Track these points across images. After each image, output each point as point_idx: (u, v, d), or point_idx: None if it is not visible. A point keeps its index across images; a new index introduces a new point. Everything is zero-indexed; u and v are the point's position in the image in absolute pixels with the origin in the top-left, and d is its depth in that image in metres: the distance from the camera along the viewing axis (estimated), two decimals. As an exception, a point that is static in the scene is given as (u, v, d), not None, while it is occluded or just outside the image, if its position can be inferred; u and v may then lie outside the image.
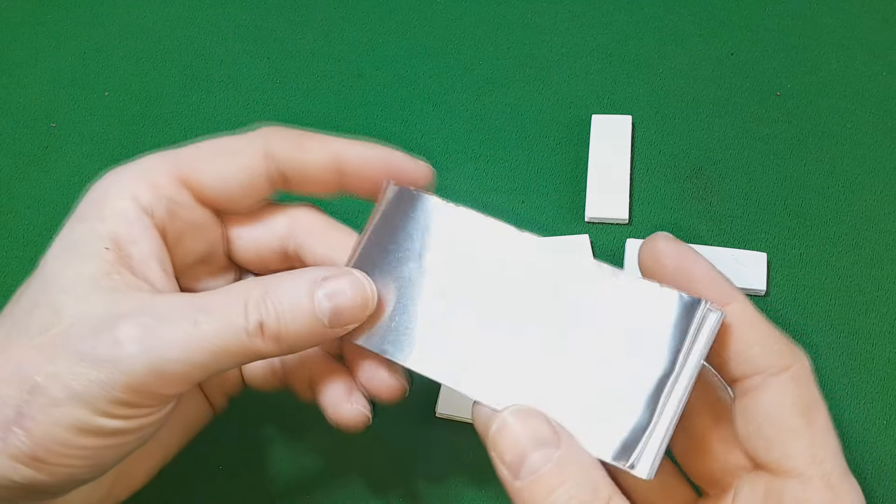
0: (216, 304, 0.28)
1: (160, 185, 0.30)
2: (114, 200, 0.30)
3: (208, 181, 0.31)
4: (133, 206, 0.30)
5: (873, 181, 0.46)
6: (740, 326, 0.28)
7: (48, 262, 0.29)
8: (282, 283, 0.29)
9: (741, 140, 0.48)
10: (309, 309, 0.28)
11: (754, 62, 0.51)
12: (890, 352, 0.41)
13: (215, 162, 0.31)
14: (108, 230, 0.29)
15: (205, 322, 0.27)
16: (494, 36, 0.53)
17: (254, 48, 0.53)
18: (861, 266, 0.43)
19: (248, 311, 0.28)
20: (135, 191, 0.30)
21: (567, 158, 0.47)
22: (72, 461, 0.28)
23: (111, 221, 0.29)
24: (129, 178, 0.30)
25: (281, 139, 0.31)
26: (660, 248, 0.29)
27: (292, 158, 0.31)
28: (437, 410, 0.39)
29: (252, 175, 0.31)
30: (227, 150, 0.31)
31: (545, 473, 0.26)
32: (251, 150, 0.31)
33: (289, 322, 0.28)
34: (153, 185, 0.30)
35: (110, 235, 0.29)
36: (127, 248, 0.29)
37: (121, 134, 0.50)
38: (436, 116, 0.49)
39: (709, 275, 0.28)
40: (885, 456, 0.38)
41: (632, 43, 0.52)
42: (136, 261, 0.30)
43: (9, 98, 0.51)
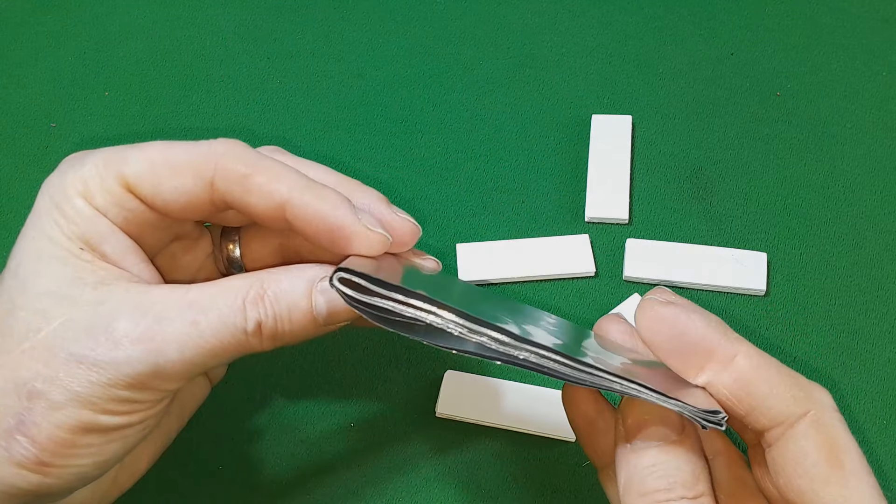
0: (214, 304, 0.28)
1: (109, 190, 0.30)
2: (72, 201, 0.29)
3: (150, 197, 0.30)
4: (91, 209, 0.29)
5: (873, 181, 0.46)
6: (751, 380, 0.27)
7: (20, 264, 0.29)
8: (280, 282, 0.28)
9: (741, 140, 0.48)
10: (306, 309, 0.28)
11: (754, 62, 0.51)
12: (890, 352, 0.41)
13: (161, 181, 0.30)
14: (76, 231, 0.29)
15: (204, 322, 0.28)
16: (494, 36, 0.53)
17: (254, 48, 0.53)
18: (861, 266, 0.43)
19: (247, 310, 0.28)
20: (90, 191, 0.29)
21: (567, 158, 0.47)
22: (78, 461, 0.28)
23: (76, 223, 0.29)
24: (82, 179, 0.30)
25: (228, 174, 0.29)
26: (648, 317, 0.28)
27: (238, 199, 0.30)
28: (437, 410, 0.39)
29: (195, 202, 0.30)
30: (170, 166, 0.30)
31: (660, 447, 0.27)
32: (198, 178, 0.30)
33: (286, 322, 0.28)
34: (104, 190, 0.30)
35: (79, 236, 0.29)
36: (100, 247, 0.29)
37: (121, 134, 0.49)
38: (436, 116, 0.49)
39: (706, 335, 0.27)
40: (885, 456, 0.38)
41: (632, 43, 0.52)
42: (112, 257, 0.30)
43: (9, 98, 0.51)
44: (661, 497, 0.26)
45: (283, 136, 0.49)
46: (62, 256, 0.29)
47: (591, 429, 0.31)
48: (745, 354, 0.27)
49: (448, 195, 0.46)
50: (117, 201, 0.30)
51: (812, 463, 0.26)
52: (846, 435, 0.27)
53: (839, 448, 0.27)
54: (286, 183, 0.29)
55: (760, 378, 0.27)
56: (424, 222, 0.45)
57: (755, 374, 0.27)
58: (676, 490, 0.26)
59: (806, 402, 0.27)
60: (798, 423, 0.27)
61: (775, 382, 0.27)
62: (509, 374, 0.41)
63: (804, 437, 0.27)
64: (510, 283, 0.43)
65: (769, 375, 0.27)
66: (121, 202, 0.30)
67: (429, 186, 0.47)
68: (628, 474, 0.27)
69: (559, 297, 0.43)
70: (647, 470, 0.27)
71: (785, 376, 0.27)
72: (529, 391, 0.40)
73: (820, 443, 0.26)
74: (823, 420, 0.27)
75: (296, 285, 0.29)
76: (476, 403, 0.39)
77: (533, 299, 0.43)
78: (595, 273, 0.43)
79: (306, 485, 0.39)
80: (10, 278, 0.29)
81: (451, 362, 0.41)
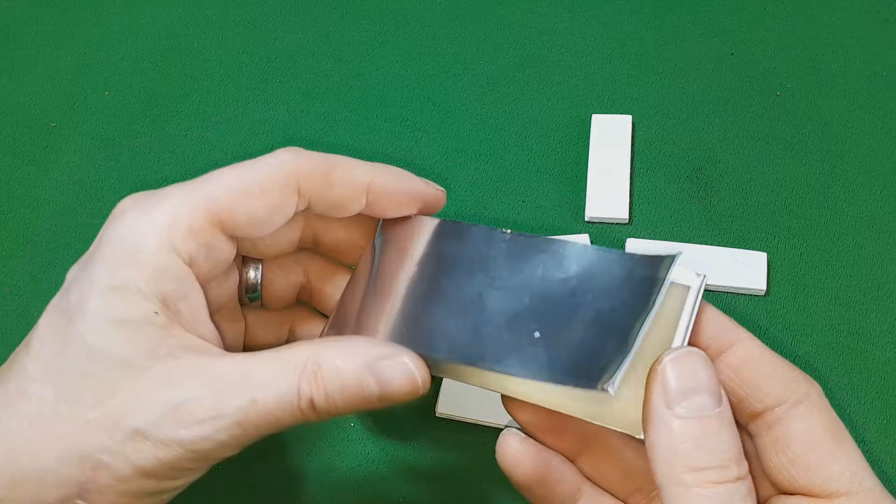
0: (273, 380, 0.28)
1: (199, 232, 0.29)
2: (156, 253, 0.28)
3: (242, 223, 0.30)
4: (177, 261, 0.29)
5: (873, 181, 0.46)
6: (753, 361, 0.29)
7: (88, 325, 0.28)
8: (335, 359, 0.28)
9: (741, 140, 0.48)
10: (358, 391, 0.29)
11: (754, 62, 0.51)
12: (890, 352, 0.41)
13: (249, 203, 0.30)
14: (156, 290, 0.28)
15: (261, 400, 0.28)
16: (494, 36, 0.53)
17: (254, 48, 0.53)
18: (861, 266, 0.43)
19: (301, 387, 0.28)
20: (175, 240, 0.29)
21: (567, 158, 0.47)
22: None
23: (158, 280, 0.28)
24: (167, 224, 0.29)
25: (309, 176, 0.31)
26: None
27: (322, 196, 0.31)
28: (437, 410, 0.39)
29: (285, 214, 0.31)
30: (258, 187, 0.30)
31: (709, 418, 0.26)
32: (283, 188, 0.30)
33: (338, 401, 0.29)
34: (192, 231, 0.29)
35: (159, 296, 0.28)
36: (175, 306, 0.29)
37: (121, 134, 0.49)
38: (436, 116, 0.49)
39: (715, 317, 0.29)
40: (885, 456, 0.38)
41: (632, 42, 0.52)
42: (186, 318, 0.29)
43: (9, 98, 0.51)
44: (716, 477, 0.25)
45: (283, 137, 0.49)
46: (137, 322, 0.28)
47: (543, 483, 0.31)
48: (748, 339, 0.29)
49: (448, 195, 0.46)
50: (207, 242, 0.29)
51: (820, 438, 0.28)
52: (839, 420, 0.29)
53: (840, 428, 0.28)
54: (362, 169, 0.32)
55: (763, 360, 0.29)
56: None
57: (757, 355, 0.29)
58: (731, 469, 0.26)
59: (806, 384, 0.29)
60: (801, 403, 0.28)
61: (776, 365, 0.29)
62: (509, 374, 0.41)
63: (810, 415, 0.28)
64: (510, 283, 0.43)
65: (770, 359, 0.29)
66: (210, 243, 0.30)
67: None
68: (672, 445, 0.26)
69: (559, 297, 0.43)
70: (698, 442, 0.26)
71: (783, 362, 0.29)
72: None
73: (825, 422, 0.28)
74: (822, 402, 0.29)
75: (350, 366, 0.28)
76: (476, 403, 0.39)
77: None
78: (595, 273, 0.43)
79: (306, 484, 0.39)
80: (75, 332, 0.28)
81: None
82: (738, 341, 0.29)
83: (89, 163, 0.48)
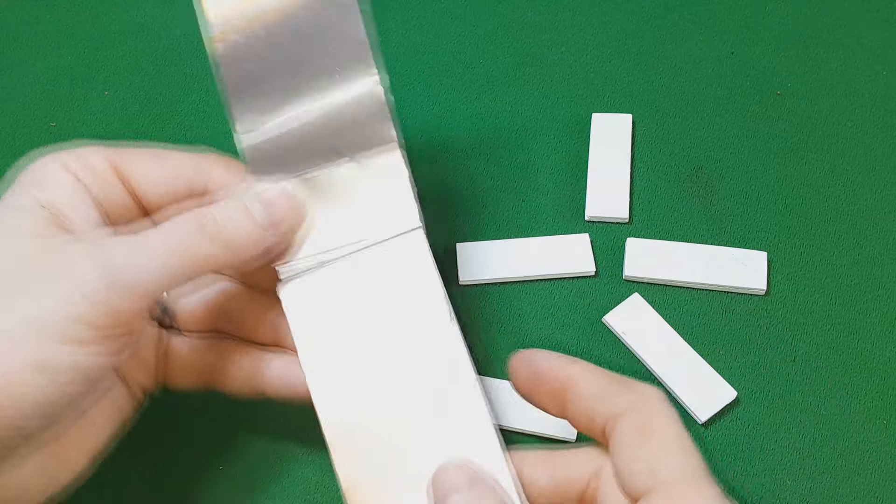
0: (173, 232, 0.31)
1: (98, 169, 0.33)
2: (54, 173, 0.32)
3: (139, 177, 0.33)
4: (72, 179, 0.32)
5: (873, 181, 0.46)
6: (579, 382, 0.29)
7: None
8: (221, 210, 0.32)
9: (741, 139, 0.48)
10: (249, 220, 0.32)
11: (754, 61, 0.51)
12: (890, 352, 0.41)
13: (149, 162, 0.34)
14: (48, 196, 0.31)
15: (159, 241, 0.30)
16: (494, 35, 0.53)
17: (254, 48, 0.53)
18: (861, 266, 0.43)
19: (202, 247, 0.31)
20: (74, 168, 0.32)
21: (567, 157, 0.47)
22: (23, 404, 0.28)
23: (51, 190, 0.31)
24: (69, 158, 0.32)
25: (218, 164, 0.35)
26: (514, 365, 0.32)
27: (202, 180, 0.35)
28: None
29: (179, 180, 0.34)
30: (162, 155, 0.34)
31: None
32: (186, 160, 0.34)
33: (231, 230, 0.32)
34: (91, 167, 0.32)
35: (49, 200, 0.31)
36: (66, 212, 0.31)
37: (121, 134, 0.49)
38: (436, 116, 0.49)
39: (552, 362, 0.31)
40: (885, 456, 0.38)
41: (632, 42, 0.52)
42: (76, 224, 0.31)
43: (9, 98, 0.51)
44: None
45: (283, 136, 0.49)
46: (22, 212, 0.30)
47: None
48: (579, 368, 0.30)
49: (448, 195, 0.46)
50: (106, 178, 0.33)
51: (627, 442, 0.28)
52: (665, 417, 0.28)
53: (650, 425, 0.28)
54: None
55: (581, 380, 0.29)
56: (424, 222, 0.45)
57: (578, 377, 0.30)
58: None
59: (630, 397, 0.29)
60: (621, 416, 0.28)
61: (591, 383, 0.29)
62: (509, 374, 0.41)
63: (622, 422, 0.28)
64: (510, 283, 0.43)
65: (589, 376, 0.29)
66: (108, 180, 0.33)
67: (429, 186, 0.47)
68: None
69: (559, 297, 0.43)
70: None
71: (608, 380, 0.29)
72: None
73: (631, 425, 0.28)
74: (642, 405, 0.28)
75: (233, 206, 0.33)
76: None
77: (533, 299, 0.43)
78: (595, 272, 0.43)
79: (307, 484, 0.39)
80: None
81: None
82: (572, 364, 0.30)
83: (89, 163, 0.48)
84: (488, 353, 0.41)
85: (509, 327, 0.42)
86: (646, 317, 0.41)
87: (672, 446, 0.27)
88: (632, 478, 0.27)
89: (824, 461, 0.38)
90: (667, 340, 0.41)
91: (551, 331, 0.42)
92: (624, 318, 0.41)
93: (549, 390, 0.30)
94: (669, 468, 0.27)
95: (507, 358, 0.41)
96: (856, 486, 0.38)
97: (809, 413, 0.39)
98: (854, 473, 0.38)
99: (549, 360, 0.31)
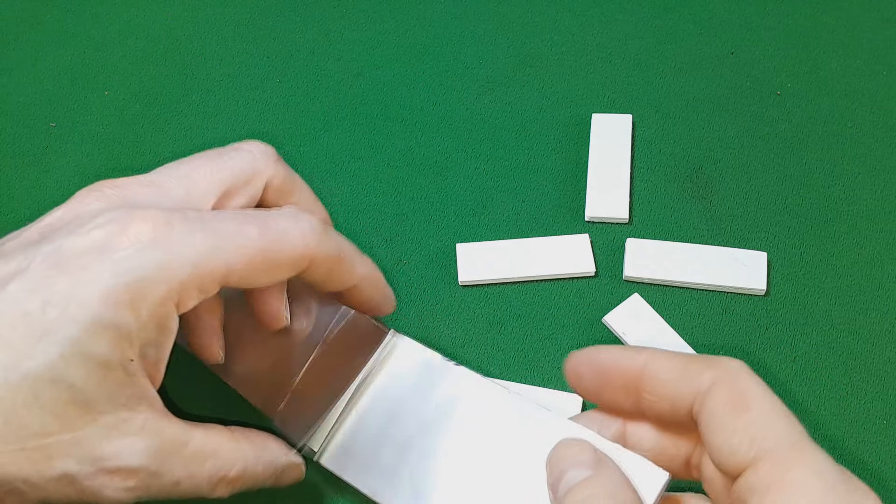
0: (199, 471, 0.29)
1: (206, 288, 0.28)
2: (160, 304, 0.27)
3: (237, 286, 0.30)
4: (173, 314, 0.28)
5: (873, 181, 0.46)
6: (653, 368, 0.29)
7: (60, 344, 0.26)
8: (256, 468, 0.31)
9: (741, 139, 0.48)
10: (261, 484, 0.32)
11: (754, 61, 0.51)
12: (890, 352, 0.41)
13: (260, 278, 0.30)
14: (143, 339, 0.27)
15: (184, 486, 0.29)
16: (494, 35, 0.53)
17: (253, 47, 0.53)
18: (861, 266, 0.43)
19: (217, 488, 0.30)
20: (182, 297, 0.28)
21: (567, 158, 0.47)
22: None
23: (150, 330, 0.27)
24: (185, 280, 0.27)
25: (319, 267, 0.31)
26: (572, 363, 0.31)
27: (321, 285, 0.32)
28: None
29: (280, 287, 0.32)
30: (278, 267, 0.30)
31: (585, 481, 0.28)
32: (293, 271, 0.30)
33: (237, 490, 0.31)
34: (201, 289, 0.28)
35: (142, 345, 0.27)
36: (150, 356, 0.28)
37: (121, 134, 0.49)
38: (436, 116, 0.49)
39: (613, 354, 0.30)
40: (885, 456, 0.38)
41: (632, 42, 0.52)
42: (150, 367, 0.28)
43: (9, 98, 0.51)
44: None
45: (282, 136, 0.49)
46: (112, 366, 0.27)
47: None
48: (647, 352, 0.29)
49: (448, 195, 0.46)
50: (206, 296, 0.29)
51: (721, 418, 0.27)
52: (757, 387, 0.27)
53: (747, 397, 0.27)
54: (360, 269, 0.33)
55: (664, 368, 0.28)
56: (424, 222, 0.46)
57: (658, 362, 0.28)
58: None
59: (708, 368, 0.28)
60: (708, 390, 0.27)
61: (668, 367, 0.28)
62: (509, 375, 0.41)
63: (712, 398, 0.27)
64: (510, 283, 0.43)
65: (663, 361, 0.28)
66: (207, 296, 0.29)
67: (429, 186, 0.47)
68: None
69: (559, 297, 0.43)
70: None
71: (684, 360, 0.28)
72: (529, 392, 0.40)
73: (726, 397, 0.27)
74: (729, 379, 0.27)
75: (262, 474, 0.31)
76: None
77: (533, 299, 0.43)
78: (595, 273, 0.43)
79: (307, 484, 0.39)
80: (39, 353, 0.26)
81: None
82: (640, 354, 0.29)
83: (89, 163, 0.48)
84: (488, 354, 0.41)
85: (509, 327, 0.42)
86: (646, 317, 0.41)
87: (772, 415, 0.26)
88: (732, 452, 0.26)
89: (824, 461, 0.38)
90: (667, 341, 0.41)
91: (551, 331, 0.42)
92: (624, 319, 0.41)
93: (621, 385, 0.29)
94: (775, 436, 0.26)
95: (507, 358, 0.41)
96: (856, 486, 0.38)
97: (809, 413, 0.39)
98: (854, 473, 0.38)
99: (612, 353, 0.29)
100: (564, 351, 0.41)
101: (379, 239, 0.45)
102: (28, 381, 0.26)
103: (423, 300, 0.43)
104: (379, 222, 0.46)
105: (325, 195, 0.47)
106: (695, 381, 0.28)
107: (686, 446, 0.30)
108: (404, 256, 0.44)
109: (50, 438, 0.26)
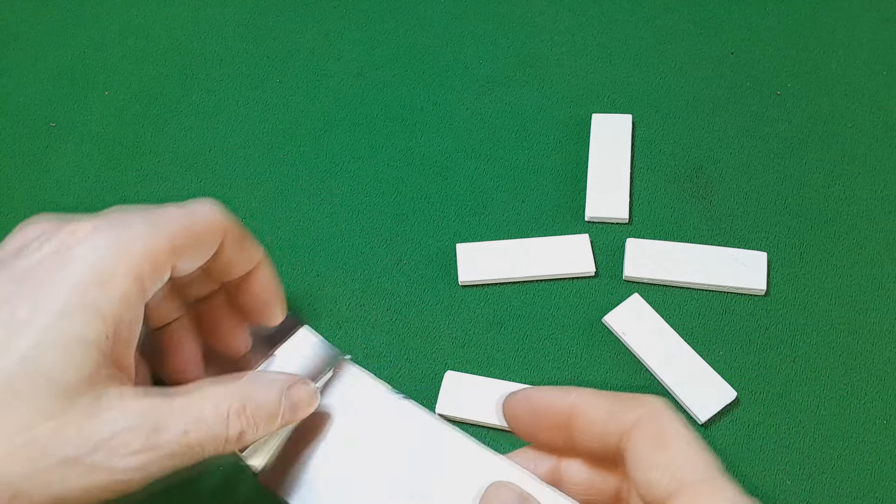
0: (202, 415, 0.29)
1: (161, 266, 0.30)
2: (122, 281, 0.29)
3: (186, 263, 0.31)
4: (138, 290, 0.29)
5: (873, 181, 0.46)
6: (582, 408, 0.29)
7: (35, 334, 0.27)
8: (257, 393, 0.31)
9: (741, 139, 0.48)
10: (277, 416, 0.32)
11: (754, 61, 0.51)
12: (890, 352, 0.41)
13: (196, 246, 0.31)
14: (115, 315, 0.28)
15: (193, 433, 0.29)
16: (494, 35, 0.53)
17: (253, 47, 0.53)
18: (861, 266, 0.43)
19: (230, 423, 0.30)
20: (142, 271, 0.29)
21: (567, 158, 0.47)
22: None
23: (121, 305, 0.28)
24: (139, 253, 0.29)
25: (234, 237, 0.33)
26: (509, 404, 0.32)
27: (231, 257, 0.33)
28: (436, 410, 0.39)
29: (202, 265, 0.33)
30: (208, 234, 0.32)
31: None
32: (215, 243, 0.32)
33: (262, 430, 0.31)
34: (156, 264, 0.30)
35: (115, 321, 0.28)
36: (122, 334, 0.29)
37: (121, 134, 0.50)
38: (436, 116, 0.49)
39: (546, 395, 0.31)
40: (885, 456, 0.38)
41: (632, 42, 0.52)
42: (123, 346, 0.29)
43: (9, 98, 0.51)
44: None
45: (283, 136, 0.49)
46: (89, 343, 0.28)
47: None
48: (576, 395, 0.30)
49: (448, 195, 0.46)
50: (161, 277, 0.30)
51: (644, 454, 0.28)
52: (677, 424, 0.28)
53: (667, 434, 0.28)
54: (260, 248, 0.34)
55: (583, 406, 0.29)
56: (424, 222, 0.46)
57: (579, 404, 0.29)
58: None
59: (633, 406, 0.29)
60: (632, 428, 0.28)
61: (595, 406, 0.29)
62: (509, 375, 0.41)
63: (635, 436, 0.28)
64: (510, 283, 0.43)
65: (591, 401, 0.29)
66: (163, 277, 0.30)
67: (429, 186, 0.47)
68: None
69: (559, 297, 0.43)
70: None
71: (611, 399, 0.29)
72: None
73: (648, 435, 0.28)
74: (651, 417, 0.28)
75: (271, 396, 0.31)
76: (476, 403, 0.39)
77: (533, 299, 0.43)
78: (595, 273, 0.43)
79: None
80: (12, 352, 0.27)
81: (451, 362, 0.41)
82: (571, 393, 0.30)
83: (89, 163, 0.48)
84: (488, 354, 0.41)
85: (509, 327, 0.42)
86: (646, 317, 0.41)
87: (689, 450, 0.28)
88: (654, 486, 0.28)
89: (824, 461, 0.38)
90: (667, 341, 0.41)
91: (551, 331, 0.42)
92: (624, 319, 0.41)
93: (552, 424, 0.30)
94: (692, 470, 0.27)
95: (507, 358, 0.41)
96: (856, 486, 0.38)
97: (809, 413, 0.39)
98: (854, 473, 0.38)
99: (544, 394, 0.31)
100: (564, 351, 0.41)
101: (379, 239, 0.45)
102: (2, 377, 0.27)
103: (423, 300, 0.43)
104: (379, 222, 0.46)
105: (325, 195, 0.47)
106: (620, 420, 0.29)
107: (615, 481, 0.31)
108: (404, 256, 0.44)
109: (35, 430, 0.27)
